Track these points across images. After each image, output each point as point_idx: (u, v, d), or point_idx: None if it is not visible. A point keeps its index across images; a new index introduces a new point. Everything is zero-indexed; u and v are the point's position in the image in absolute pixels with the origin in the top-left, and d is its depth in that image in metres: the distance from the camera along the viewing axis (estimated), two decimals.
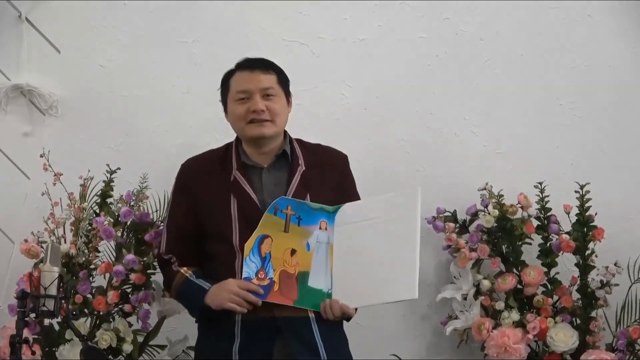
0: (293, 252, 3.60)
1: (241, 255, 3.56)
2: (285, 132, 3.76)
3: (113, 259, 4.01)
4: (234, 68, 3.73)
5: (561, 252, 4.17)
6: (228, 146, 3.77)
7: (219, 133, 4.36)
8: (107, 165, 4.09)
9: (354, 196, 3.75)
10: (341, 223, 3.63)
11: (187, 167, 3.78)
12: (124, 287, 4.00)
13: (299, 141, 3.78)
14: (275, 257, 3.58)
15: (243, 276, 3.54)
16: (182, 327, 4.23)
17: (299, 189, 3.65)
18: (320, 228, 3.63)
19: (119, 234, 4.00)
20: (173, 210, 3.75)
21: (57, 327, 3.97)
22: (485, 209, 4.21)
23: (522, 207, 4.20)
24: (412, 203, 3.57)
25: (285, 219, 3.59)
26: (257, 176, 3.67)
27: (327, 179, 3.71)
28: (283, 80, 3.72)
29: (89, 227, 4.01)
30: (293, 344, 3.52)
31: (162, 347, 4.13)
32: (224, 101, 3.75)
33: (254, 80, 3.66)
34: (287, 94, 3.74)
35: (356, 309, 3.61)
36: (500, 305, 4.14)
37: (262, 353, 3.52)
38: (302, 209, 3.61)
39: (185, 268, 3.67)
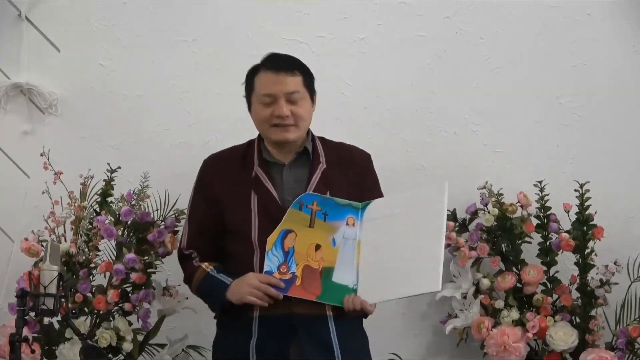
0: (318, 247, 3.58)
1: (259, 251, 3.56)
2: (307, 129, 3.74)
3: (113, 258, 4.01)
4: (259, 65, 3.68)
5: (561, 250, 4.18)
6: (250, 143, 3.76)
7: (219, 132, 4.39)
8: (108, 164, 4.09)
9: (376, 194, 3.73)
10: (369, 219, 3.61)
11: (208, 163, 3.78)
12: (124, 286, 4.00)
13: (322, 139, 3.77)
14: (298, 252, 3.56)
15: (265, 270, 3.53)
16: (182, 326, 4.25)
17: (319, 186, 3.64)
18: (347, 224, 3.61)
19: (120, 233, 4.00)
20: (194, 205, 3.76)
21: (57, 326, 3.97)
22: (485, 208, 4.22)
23: (521, 206, 4.20)
24: (439, 196, 3.55)
25: (311, 215, 3.58)
26: (278, 173, 3.67)
27: (348, 177, 3.70)
28: (308, 81, 3.69)
29: (90, 226, 4.01)
30: (307, 344, 3.52)
31: (162, 346, 4.12)
32: (248, 98, 3.71)
33: (279, 83, 3.61)
34: (312, 94, 3.70)
35: (375, 306, 3.59)
36: (499, 304, 4.14)
37: (279, 351, 3.53)
38: (328, 205, 3.60)
39: (206, 263, 3.68)
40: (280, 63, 3.66)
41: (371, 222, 3.61)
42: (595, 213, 4.17)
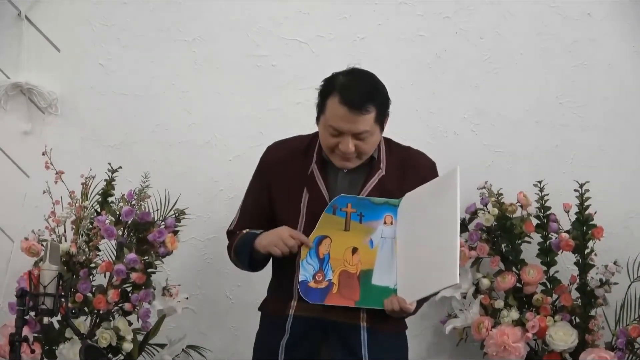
0: (354, 250, 3.51)
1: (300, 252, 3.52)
2: None
3: (113, 258, 4.01)
4: (336, 88, 3.47)
5: (560, 250, 4.18)
6: (315, 136, 3.65)
7: (219, 132, 4.39)
8: (109, 164, 4.09)
9: None
10: (402, 215, 3.54)
11: (270, 151, 3.72)
12: (124, 286, 3.99)
13: (387, 142, 3.66)
14: (334, 257, 3.49)
15: (300, 279, 3.48)
16: (182, 326, 4.25)
17: (373, 193, 3.56)
18: (385, 223, 3.53)
19: (120, 233, 4.00)
20: (249, 192, 3.74)
21: (57, 326, 3.97)
22: (485, 208, 4.22)
23: (521, 206, 4.20)
24: (451, 184, 3.45)
25: (346, 217, 3.50)
26: (334, 174, 3.59)
27: (407, 186, 3.57)
28: (381, 114, 3.50)
29: (90, 226, 4.00)
30: (337, 351, 3.50)
31: (162, 345, 4.13)
32: (319, 112, 3.54)
33: (349, 122, 3.44)
34: (384, 121, 3.53)
35: (415, 304, 3.51)
36: (499, 303, 4.14)
37: (308, 352, 3.52)
38: (364, 205, 3.51)
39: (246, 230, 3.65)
40: (355, 98, 3.45)
41: (403, 218, 3.54)
42: (595, 213, 4.17)
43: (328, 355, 3.51)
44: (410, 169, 3.63)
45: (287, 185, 3.60)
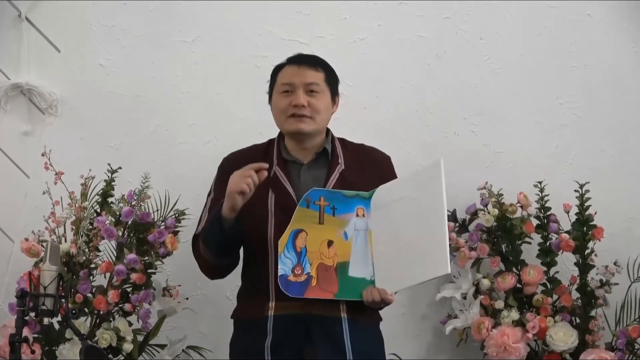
0: (330, 243, 3.55)
1: (275, 250, 3.54)
2: (328, 130, 3.75)
3: (113, 259, 4.01)
4: (284, 62, 3.74)
5: (561, 251, 4.18)
6: (271, 142, 3.77)
7: (219, 132, 4.39)
8: (109, 164, 4.09)
9: None
10: (376, 207, 3.59)
11: (228, 160, 3.78)
12: (125, 286, 4.00)
13: (341, 140, 3.77)
14: (311, 250, 3.53)
15: (279, 273, 3.50)
16: (182, 326, 4.25)
17: (336, 187, 3.62)
18: (357, 215, 3.59)
19: (120, 234, 4.00)
20: (212, 201, 3.73)
21: (57, 326, 3.96)
22: (485, 208, 4.22)
23: (521, 207, 4.21)
24: (436, 176, 3.49)
25: (319, 211, 3.55)
26: (297, 172, 3.66)
27: (367, 179, 3.67)
28: (331, 79, 3.71)
29: (90, 227, 4.00)
30: (320, 345, 3.52)
31: (162, 346, 4.12)
32: (270, 93, 3.74)
33: (299, 75, 3.66)
34: (334, 94, 3.73)
35: (395, 294, 3.55)
36: (499, 304, 4.14)
37: (294, 351, 3.52)
38: (336, 198, 3.57)
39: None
40: (303, 58, 3.74)
41: (378, 210, 3.58)
42: (595, 213, 4.18)
43: (313, 350, 3.51)
44: (368, 162, 3.73)
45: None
